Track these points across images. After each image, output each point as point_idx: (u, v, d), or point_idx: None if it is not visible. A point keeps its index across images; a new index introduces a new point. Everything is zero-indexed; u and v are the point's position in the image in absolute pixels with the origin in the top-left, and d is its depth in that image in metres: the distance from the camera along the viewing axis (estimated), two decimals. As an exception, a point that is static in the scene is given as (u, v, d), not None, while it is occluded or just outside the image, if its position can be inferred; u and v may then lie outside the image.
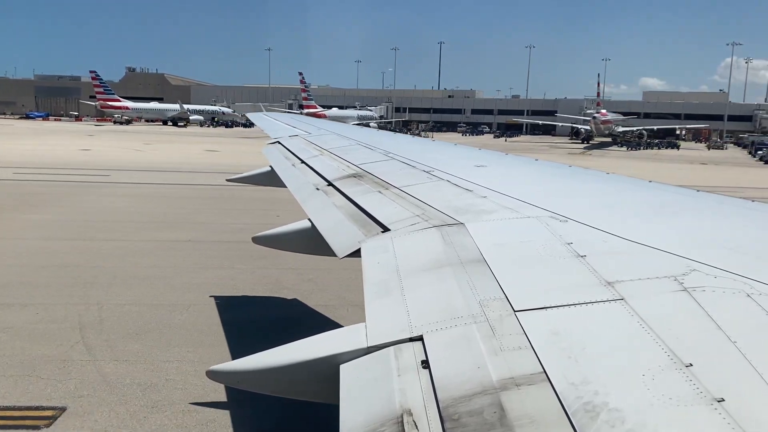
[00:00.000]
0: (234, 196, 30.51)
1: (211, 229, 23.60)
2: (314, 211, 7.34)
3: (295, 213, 8.14)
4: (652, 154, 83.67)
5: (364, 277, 4.46)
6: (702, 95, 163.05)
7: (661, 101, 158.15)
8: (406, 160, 8.96)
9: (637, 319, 3.02)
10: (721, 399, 2.33)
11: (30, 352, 11.72)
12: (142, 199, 30.68)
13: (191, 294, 15.63)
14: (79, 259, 18.49)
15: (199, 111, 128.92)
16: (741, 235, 4.66)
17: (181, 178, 39.56)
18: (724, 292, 3.18)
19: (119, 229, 23.07)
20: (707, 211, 5.67)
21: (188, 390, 10.45)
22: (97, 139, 73.81)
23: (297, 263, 17.35)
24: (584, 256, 3.91)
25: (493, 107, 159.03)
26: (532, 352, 2.88)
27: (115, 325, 13.28)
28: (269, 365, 3.86)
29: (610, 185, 7.21)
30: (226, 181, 15.37)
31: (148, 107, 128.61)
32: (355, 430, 2.77)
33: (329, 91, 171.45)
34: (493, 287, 3.69)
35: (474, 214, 5.42)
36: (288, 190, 9.23)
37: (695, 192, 6.34)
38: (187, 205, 29.13)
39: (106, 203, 28.77)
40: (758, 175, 57.68)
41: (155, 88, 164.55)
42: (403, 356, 3.20)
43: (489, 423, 2.48)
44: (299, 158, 11.02)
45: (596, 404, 2.42)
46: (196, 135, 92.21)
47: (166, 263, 18.53)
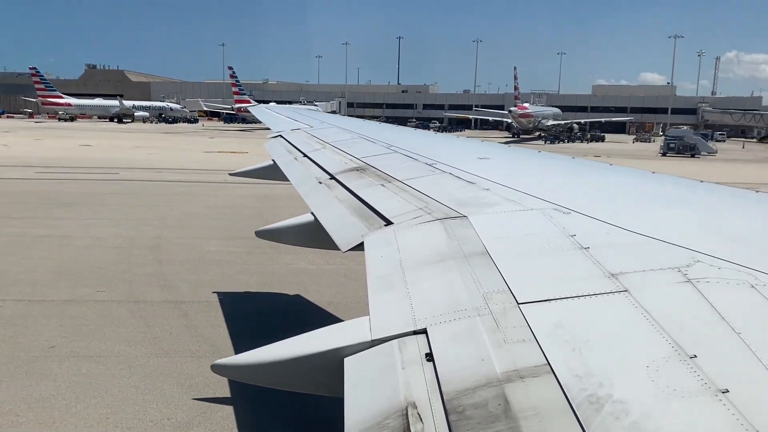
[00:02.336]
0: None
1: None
2: (317, 204, 7.34)
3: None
4: (562, 148, 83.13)
5: (367, 270, 4.47)
6: (650, 89, 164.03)
7: (610, 95, 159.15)
8: (409, 153, 8.95)
9: (641, 310, 3.01)
10: (726, 390, 2.33)
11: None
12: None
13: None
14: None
15: (145, 107, 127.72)
16: (745, 225, 4.65)
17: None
18: (728, 283, 3.18)
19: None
20: (711, 201, 5.65)
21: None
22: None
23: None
24: (588, 248, 3.91)
25: (444, 102, 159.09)
26: (536, 345, 2.89)
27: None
28: (274, 359, 3.87)
29: (613, 177, 7.20)
30: (228, 175, 15.38)
31: (91, 104, 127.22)
32: (359, 423, 2.78)
33: (285, 86, 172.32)
34: (497, 280, 3.69)
35: (477, 206, 5.41)
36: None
37: (699, 183, 6.32)
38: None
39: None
40: (640, 167, 57.07)
41: (115, 84, 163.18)
42: (407, 349, 3.21)
43: (493, 415, 2.49)
44: (302, 152, 11.02)
45: (600, 396, 2.43)
46: (119, 131, 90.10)
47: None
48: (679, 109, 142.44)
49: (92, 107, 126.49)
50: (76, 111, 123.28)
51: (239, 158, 49.79)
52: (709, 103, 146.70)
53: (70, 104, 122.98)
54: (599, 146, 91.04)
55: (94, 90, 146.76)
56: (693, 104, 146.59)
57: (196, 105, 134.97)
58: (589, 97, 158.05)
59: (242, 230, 21.23)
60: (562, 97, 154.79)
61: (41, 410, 9.50)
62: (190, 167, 43.55)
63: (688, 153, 72.87)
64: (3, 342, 12.04)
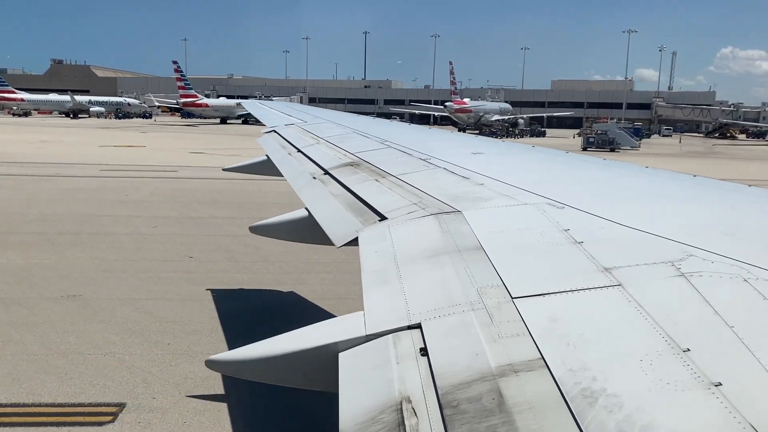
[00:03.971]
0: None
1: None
2: (311, 200, 7.33)
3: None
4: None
5: (361, 265, 4.46)
6: (607, 83, 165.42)
7: (567, 90, 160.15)
8: (403, 148, 8.93)
9: (635, 305, 3.02)
10: (719, 383, 2.34)
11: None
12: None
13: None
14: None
15: (102, 102, 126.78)
16: (738, 220, 4.67)
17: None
18: (722, 277, 3.19)
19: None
20: (704, 196, 5.67)
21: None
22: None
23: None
24: (581, 243, 3.92)
25: (405, 97, 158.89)
26: (530, 339, 2.89)
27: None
28: (268, 354, 3.87)
29: (607, 171, 7.21)
30: (222, 170, 15.31)
31: (45, 99, 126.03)
32: (354, 418, 2.78)
33: (250, 81, 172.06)
34: (491, 274, 3.69)
35: (471, 201, 5.41)
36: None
37: (692, 177, 6.34)
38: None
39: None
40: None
41: (81, 79, 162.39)
42: (401, 344, 3.21)
43: (488, 409, 2.49)
44: (295, 147, 10.98)
45: (594, 390, 2.43)
46: (54, 126, 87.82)
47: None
48: (635, 104, 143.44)
49: (45, 102, 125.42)
50: (29, 106, 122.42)
51: (130, 153, 50.37)
52: (663, 98, 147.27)
53: (23, 99, 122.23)
54: (534, 141, 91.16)
55: (59, 85, 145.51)
56: (648, 99, 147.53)
57: (151, 100, 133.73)
58: (547, 92, 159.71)
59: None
60: (521, 93, 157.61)
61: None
62: (62, 161, 42.39)
63: (608, 147, 73.55)
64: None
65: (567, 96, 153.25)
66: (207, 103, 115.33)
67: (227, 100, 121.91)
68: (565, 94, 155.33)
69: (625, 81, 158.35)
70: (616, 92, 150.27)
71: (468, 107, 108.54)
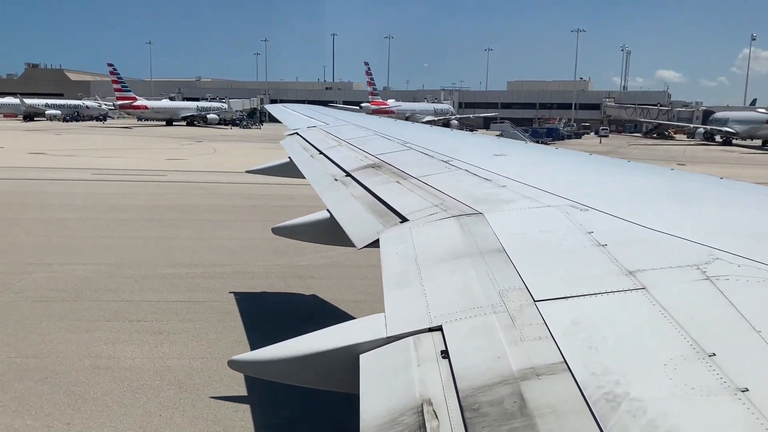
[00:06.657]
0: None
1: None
2: (333, 201, 7.35)
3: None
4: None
5: (382, 267, 4.47)
6: (562, 84, 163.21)
7: (521, 90, 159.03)
8: (424, 150, 8.93)
9: (659, 308, 2.99)
10: (745, 389, 2.30)
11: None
12: None
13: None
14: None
15: (59, 106, 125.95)
16: (765, 222, 4.59)
17: None
18: (748, 280, 3.14)
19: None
20: (730, 198, 5.58)
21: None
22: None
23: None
24: (605, 245, 3.88)
25: (363, 98, 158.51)
26: (553, 342, 2.87)
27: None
28: (290, 355, 3.89)
29: (630, 173, 7.13)
30: (245, 172, 15.44)
31: (1, 102, 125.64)
32: (375, 420, 2.78)
33: (217, 83, 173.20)
34: (513, 277, 3.67)
35: (493, 203, 5.39)
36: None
37: (718, 179, 6.24)
38: None
39: None
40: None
41: (55, 83, 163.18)
42: (422, 346, 3.21)
43: (509, 413, 2.48)
44: (317, 149, 11.04)
45: (617, 394, 2.41)
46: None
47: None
48: (588, 105, 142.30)
49: (3, 105, 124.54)
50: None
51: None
52: (614, 98, 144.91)
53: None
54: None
55: (34, 89, 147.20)
56: (599, 99, 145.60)
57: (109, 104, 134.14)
58: (503, 94, 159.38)
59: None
60: (476, 94, 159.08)
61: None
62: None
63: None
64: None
65: (521, 97, 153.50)
66: (146, 105, 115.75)
67: (170, 102, 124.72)
68: (519, 95, 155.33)
69: (579, 81, 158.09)
70: (569, 93, 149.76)
71: (389, 108, 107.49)
